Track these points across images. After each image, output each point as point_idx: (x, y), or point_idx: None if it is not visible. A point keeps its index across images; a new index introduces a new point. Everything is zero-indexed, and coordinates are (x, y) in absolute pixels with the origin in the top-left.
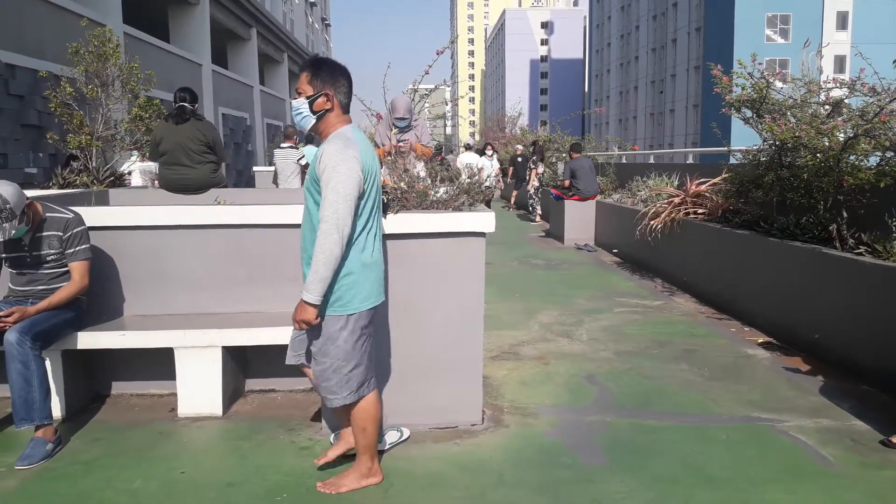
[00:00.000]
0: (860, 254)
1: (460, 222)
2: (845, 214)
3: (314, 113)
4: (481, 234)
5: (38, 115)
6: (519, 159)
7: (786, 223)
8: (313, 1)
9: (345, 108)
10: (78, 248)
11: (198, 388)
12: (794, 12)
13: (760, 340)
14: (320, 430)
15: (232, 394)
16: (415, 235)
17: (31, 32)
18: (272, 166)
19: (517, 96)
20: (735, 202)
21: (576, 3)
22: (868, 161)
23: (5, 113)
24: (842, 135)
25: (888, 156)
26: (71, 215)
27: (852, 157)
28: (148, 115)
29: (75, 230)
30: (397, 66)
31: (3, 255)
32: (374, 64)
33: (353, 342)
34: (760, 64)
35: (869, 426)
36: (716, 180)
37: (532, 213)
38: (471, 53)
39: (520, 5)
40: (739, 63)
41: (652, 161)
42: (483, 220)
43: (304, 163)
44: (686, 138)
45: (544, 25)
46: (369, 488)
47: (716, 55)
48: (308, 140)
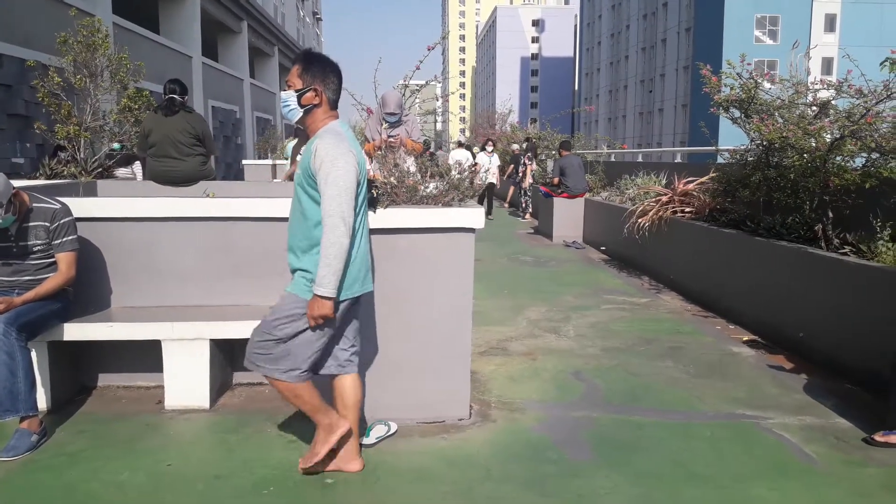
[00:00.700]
0: (845, 254)
1: (450, 217)
2: (831, 215)
3: (302, 107)
4: (471, 230)
5: (25, 104)
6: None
7: (772, 223)
8: None
9: (333, 105)
10: (65, 239)
11: (185, 381)
12: (782, 14)
13: (746, 338)
14: (307, 423)
15: (219, 387)
16: (404, 230)
17: (18, 21)
18: (286, 159)
19: (508, 93)
20: (722, 201)
21: (567, 2)
22: (854, 162)
23: None
24: (828, 136)
25: (874, 157)
26: (58, 206)
27: (838, 158)
28: (137, 107)
29: (62, 221)
30: (388, 62)
31: None
32: (365, 58)
33: (317, 330)
34: (749, 64)
35: (852, 424)
36: (703, 179)
37: (522, 211)
38: (462, 50)
39: (511, 3)
40: (728, 63)
41: (640, 160)
42: (472, 216)
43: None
44: (674, 137)
45: (535, 23)
46: (355, 482)
47: (705, 55)
48: (295, 135)
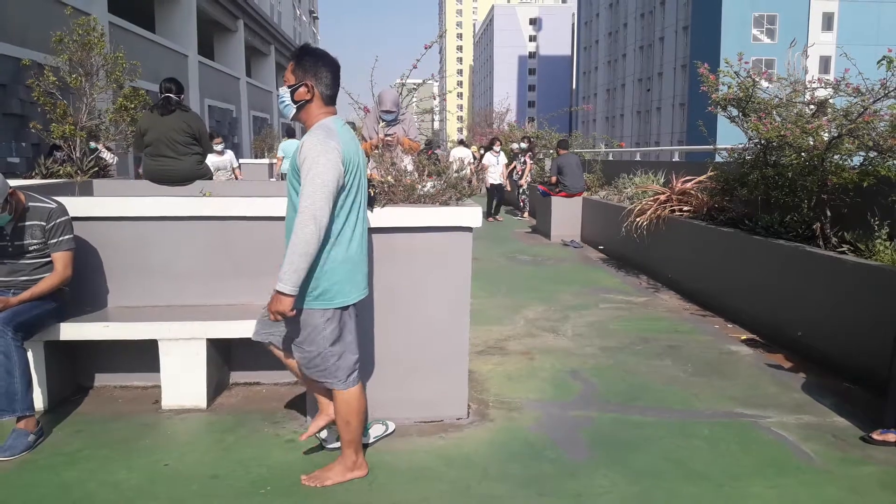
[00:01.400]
0: (843, 252)
1: (447, 216)
2: (829, 213)
3: (295, 103)
4: (468, 229)
5: (20, 103)
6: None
7: (770, 221)
8: None
9: (327, 100)
10: (61, 239)
11: (182, 381)
12: (780, 12)
13: (744, 337)
14: (305, 423)
15: (216, 386)
16: (401, 229)
17: (13, 20)
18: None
19: (505, 92)
20: (720, 200)
21: (564, 0)
22: (852, 160)
23: None
24: (826, 134)
25: (871, 155)
26: (54, 205)
27: (836, 157)
28: (133, 106)
29: (58, 220)
30: (385, 60)
31: None
32: (363, 57)
33: (339, 334)
34: (747, 63)
35: (850, 422)
36: (701, 178)
37: (519, 210)
38: (459, 49)
39: (508, 1)
40: (726, 62)
41: (638, 158)
42: (470, 215)
43: None
44: (672, 136)
45: (533, 22)
46: (354, 482)
47: (703, 54)
48: (289, 134)
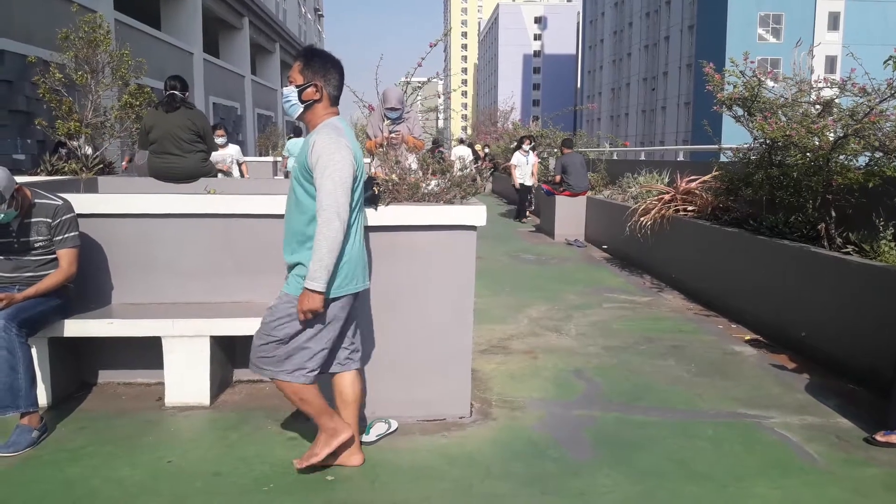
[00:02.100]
0: (848, 253)
1: (451, 215)
2: (834, 214)
3: (302, 102)
4: (472, 228)
5: (26, 100)
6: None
7: (775, 221)
8: None
9: (334, 101)
10: (67, 236)
11: (185, 378)
12: (786, 12)
13: (748, 338)
14: (307, 421)
15: (219, 383)
16: (405, 228)
17: (20, 17)
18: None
19: (510, 91)
20: (725, 200)
21: None
22: (857, 161)
23: None
24: (832, 134)
25: (877, 156)
26: (60, 202)
27: (842, 157)
28: (138, 103)
29: (64, 217)
30: (390, 59)
31: None
32: (367, 55)
33: (309, 325)
34: (752, 62)
35: (854, 424)
36: (706, 178)
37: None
38: (464, 47)
39: (513, 0)
40: (731, 61)
41: (643, 158)
42: (474, 214)
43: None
44: (677, 136)
45: (538, 20)
46: (356, 479)
47: (708, 53)
48: (295, 133)
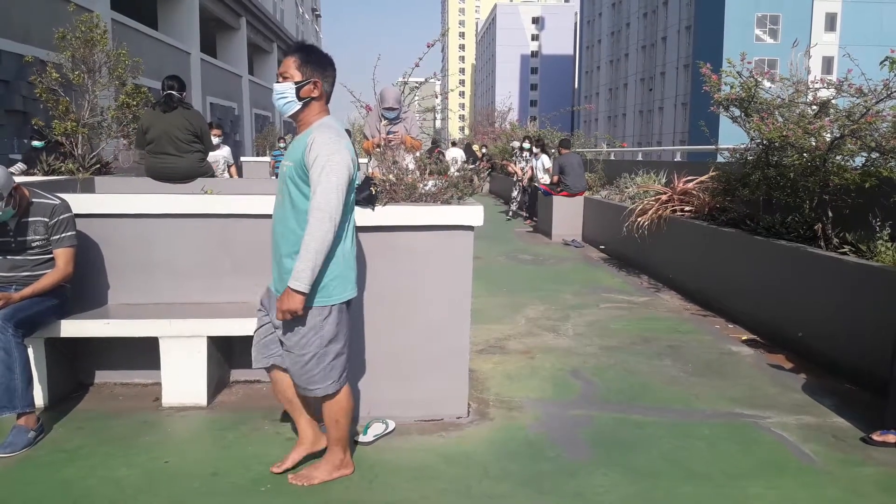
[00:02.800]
0: (844, 253)
1: (448, 215)
2: (830, 214)
3: (300, 99)
4: (469, 228)
5: (23, 100)
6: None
7: (771, 222)
8: None
9: (327, 99)
10: (64, 235)
11: (182, 378)
12: (783, 13)
13: (744, 338)
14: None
15: (217, 384)
16: (403, 228)
17: (16, 17)
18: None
19: (507, 91)
20: (722, 200)
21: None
22: (854, 161)
23: None
24: (828, 135)
25: (873, 156)
26: (58, 201)
27: (838, 158)
28: (135, 103)
29: (61, 216)
30: (387, 59)
31: None
32: (364, 56)
33: (336, 332)
34: (749, 63)
35: (850, 423)
36: (703, 178)
37: (519, 208)
38: (461, 48)
39: (511, 0)
40: (729, 62)
41: (640, 158)
42: (471, 214)
43: None
44: (674, 136)
45: (535, 21)
46: (354, 480)
47: (705, 54)
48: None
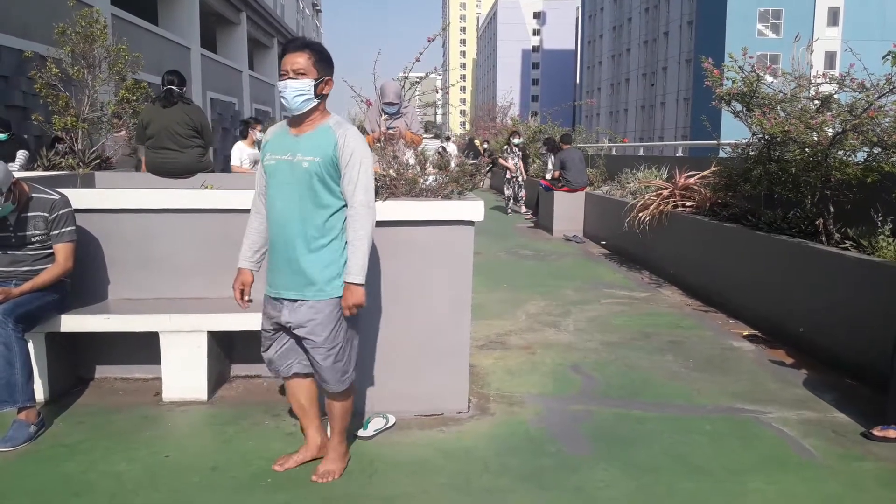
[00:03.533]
0: (846, 248)
1: (449, 210)
2: (832, 209)
3: (318, 96)
4: (470, 223)
5: (23, 95)
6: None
7: (773, 217)
8: None
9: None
10: (63, 230)
11: (183, 373)
12: (785, 7)
13: (745, 333)
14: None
15: (217, 379)
16: (403, 223)
17: (16, 12)
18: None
19: (508, 86)
20: (723, 195)
21: None
22: (856, 156)
23: None
24: (830, 130)
25: (875, 151)
26: (57, 196)
27: (840, 153)
28: (135, 98)
29: (61, 211)
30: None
31: None
32: (365, 51)
33: (351, 318)
34: (751, 58)
35: (851, 418)
36: (705, 173)
37: (517, 204)
38: (462, 42)
39: None
40: (730, 57)
41: (641, 153)
42: (472, 209)
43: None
44: (676, 131)
45: (536, 16)
46: (353, 474)
47: (707, 49)
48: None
